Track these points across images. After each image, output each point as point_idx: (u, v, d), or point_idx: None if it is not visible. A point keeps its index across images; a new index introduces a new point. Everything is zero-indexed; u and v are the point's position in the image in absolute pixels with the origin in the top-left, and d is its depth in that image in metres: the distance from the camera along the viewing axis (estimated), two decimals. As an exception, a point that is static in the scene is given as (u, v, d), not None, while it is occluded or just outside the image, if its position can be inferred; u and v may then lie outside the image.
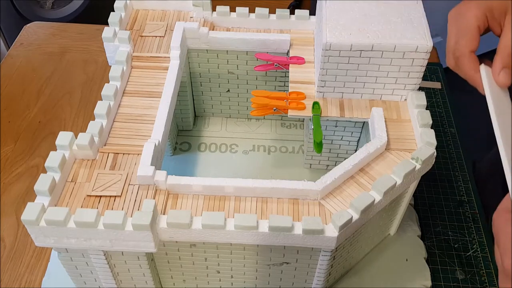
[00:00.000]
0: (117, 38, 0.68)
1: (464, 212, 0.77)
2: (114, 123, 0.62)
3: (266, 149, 0.81)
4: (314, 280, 0.61)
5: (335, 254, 0.58)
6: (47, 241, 0.52)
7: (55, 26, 1.10)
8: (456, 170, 0.83)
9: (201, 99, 0.83)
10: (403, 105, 0.65)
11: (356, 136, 0.72)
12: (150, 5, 0.76)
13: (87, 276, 0.60)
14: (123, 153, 0.58)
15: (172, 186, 0.55)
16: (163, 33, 0.72)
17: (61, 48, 1.03)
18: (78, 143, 0.56)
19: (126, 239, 0.51)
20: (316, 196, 0.55)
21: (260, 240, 0.52)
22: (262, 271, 0.60)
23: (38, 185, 0.51)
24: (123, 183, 0.55)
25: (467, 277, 0.70)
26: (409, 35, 0.59)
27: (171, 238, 0.53)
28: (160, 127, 0.60)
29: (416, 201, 0.78)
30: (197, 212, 0.54)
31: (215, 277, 0.62)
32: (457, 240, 0.74)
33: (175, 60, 0.68)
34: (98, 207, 0.53)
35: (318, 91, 0.66)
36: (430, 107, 0.92)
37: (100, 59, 1.00)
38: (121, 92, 0.65)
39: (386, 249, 0.71)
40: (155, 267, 0.60)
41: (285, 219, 0.51)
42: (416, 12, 0.63)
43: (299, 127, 0.85)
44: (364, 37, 0.59)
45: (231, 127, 0.85)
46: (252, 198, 0.56)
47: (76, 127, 0.88)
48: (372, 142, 0.60)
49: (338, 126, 0.70)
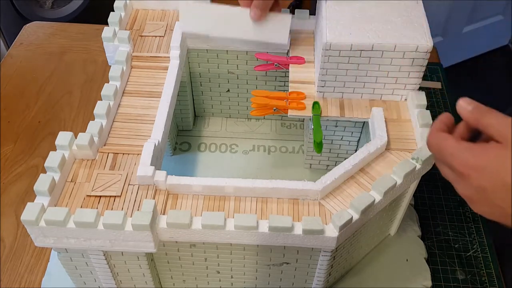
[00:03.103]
0: (117, 38, 0.68)
1: (464, 212, 0.77)
2: (113, 123, 0.62)
3: (266, 149, 0.81)
4: (314, 280, 0.61)
5: (335, 254, 0.58)
6: (47, 241, 0.51)
7: (55, 26, 1.10)
8: (456, 170, 0.83)
9: (201, 99, 0.83)
10: (403, 105, 0.65)
11: (356, 136, 0.72)
12: (150, 5, 0.76)
13: (86, 276, 0.60)
14: (123, 153, 0.58)
15: (172, 186, 0.55)
16: (163, 33, 0.72)
17: (61, 48, 1.03)
18: (77, 143, 0.56)
19: (126, 239, 0.51)
20: (316, 196, 0.55)
21: (260, 240, 0.52)
22: (262, 271, 0.60)
23: (38, 185, 0.51)
24: (122, 183, 0.55)
25: (467, 277, 0.70)
26: (409, 35, 0.59)
27: (171, 238, 0.53)
28: (160, 127, 0.60)
29: (416, 201, 0.78)
30: (197, 212, 0.54)
31: (215, 277, 0.62)
32: (457, 240, 0.74)
33: (175, 60, 0.68)
34: (98, 207, 0.53)
35: (318, 91, 0.66)
36: (430, 107, 0.92)
37: (100, 59, 1.00)
38: (121, 92, 0.65)
39: (386, 249, 0.70)
40: (155, 267, 0.60)
41: (285, 219, 0.51)
42: (416, 12, 0.63)
43: (299, 127, 0.85)
44: (364, 37, 0.59)
45: (231, 127, 0.85)
46: (252, 198, 0.56)
47: (76, 127, 0.88)
48: (372, 142, 0.60)
49: (338, 126, 0.70)
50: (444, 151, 0.45)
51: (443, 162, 0.46)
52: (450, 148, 0.45)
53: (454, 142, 0.45)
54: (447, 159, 0.45)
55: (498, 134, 0.43)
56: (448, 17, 1.86)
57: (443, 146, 0.46)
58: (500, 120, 0.43)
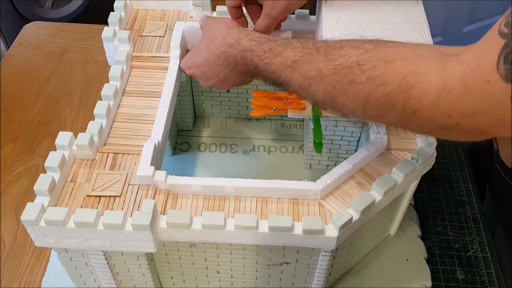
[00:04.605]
0: (116, 38, 0.68)
1: (464, 212, 0.77)
2: (113, 123, 0.62)
3: (266, 149, 0.81)
4: (314, 280, 0.61)
5: (335, 254, 0.58)
6: (47, 241, 0.51)
7: (55, 26, 1.10)
8: (456, 170, 0.83)
9: (201, 99, 0.83)
10: (403, 105, 0.65)
11: (356, 136, 0.72)
12: (150, 5, 0.76)
13: (86, 276, 0.60)
14: (123, 153, 0.58)
15: (172, 186, 0.55)
16: (163, 33, 0.72)
17: (60, 48, 1.03)
18: (77, 143, 0.56)
19: (126, 239, 0.51)
20: (316, 196, 0.55)
21: (260, 240, 0.52)
22: (262, 271, 0.60)
23: (38, 185, 0.51)
24: (122, 183, 0.55)
25: (467, 277, 0.69)
26: (409, 35, 0.59)
27: (171, 238, 0.53)
28: (160, 127, 0.60)
29: (416, 201, 0.78)
30: (197, 212, 0.54)
31: (215, 277, 0.62)
32: (457, 240, 0.73)
33: (175, 60, 0.68)
34: (98, 207, 0.53)
35: (318, 91, 0.65)
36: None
37: (100, 59, 1.00)
38: (121, 92, 0.65)
39: (386, 249, 0.70)
40: (155, 267, 0.60)
41: (285, 219, 0.51)
42: (416, 12, 0.63)
43: (299, 127, 0.85)
44: (364, 37, 0.59)
45: (231, 127, 0.85)
46: (252, 198, 0.55)
47: (75, 127, 0.88)
48: (372, 142, 0.60)
49: (338, 126, 0.70)
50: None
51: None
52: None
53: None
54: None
55: (202, 30, 0.64)
56: (448, 17, 1.86)
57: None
58: (205, 18, 0.64)
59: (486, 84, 0.36)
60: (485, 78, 0.36)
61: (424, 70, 0.40)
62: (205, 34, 0.62)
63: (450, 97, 0.38)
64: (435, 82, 0.39)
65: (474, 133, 0.40)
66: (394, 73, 0.42)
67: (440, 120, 0.40)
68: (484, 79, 0.36)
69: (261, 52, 0.53)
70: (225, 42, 0.57)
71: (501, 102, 0.36)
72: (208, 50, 0.60)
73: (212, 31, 0.60)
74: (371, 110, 0.44)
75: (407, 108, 0.42)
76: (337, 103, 0.47)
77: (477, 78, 0.37)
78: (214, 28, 0.60)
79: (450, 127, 0.40)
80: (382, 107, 0.43)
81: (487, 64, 0.36)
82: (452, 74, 0.38)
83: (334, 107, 0.48)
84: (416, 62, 0.41)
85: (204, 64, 0.61)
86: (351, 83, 0.45)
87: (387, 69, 0.42)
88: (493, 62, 0.36)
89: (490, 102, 0.37)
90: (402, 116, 0.43)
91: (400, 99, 0.42)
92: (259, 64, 0.53)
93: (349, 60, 0.45)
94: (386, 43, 0.45)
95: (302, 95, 0.51)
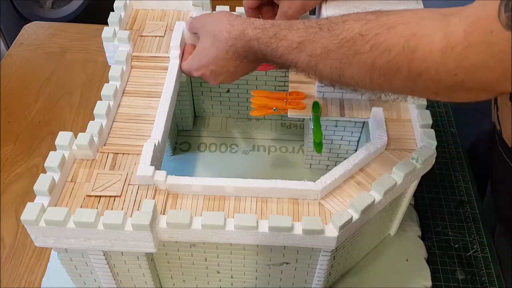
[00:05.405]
0: (116, 38, 0.68)
1: (464, 212, 0.77)
2: (113, 123, 0.62)
3: (266, 149, 0.81)
4: (314, 280, 0.61)
5: (335, 254, 0.58)
6: (47, 241, 0.51)
7: (55, 26, 1.10)
8: (456, 170, 0.83)
9: (201, 99, 0.83)
10: (403, 105, 0.65)
11: (356, 136, 0.72)
12: (150, 5, 0.76)
13: (86, 276, 0.60)
14: (123, 153, 0.58)
15: (172, 186, 0.55)
16: (163, 33, 0.72)
17: (60, 48, 1.03)
18: (77, 143, 0.56)
19: (126, 239, 0.51)
20: (316, 196, 0.55)
21: (260, 240, 0.52)
22: (262, 271, 0.60)
23: (38, 185, 0.51)
24: (122, 183, 0.55)
25: (467, 277, 0.69)
26: (409, 35, 0.59)
27: (171, 238, 0.53)
28: (160, 127, 0.60)
29: (416, 201, 0.78)
30: (197, 212, 0.54)
31: (215, 277, 0.62)
32: (457, 240, 0.73)
33: (174, 60, 0.68)
34: (98, 207, 0.53)
35: (318, 90, 0.65)
36: (430, 107, 0.92)
37: (99, 59, 1.00)
38: (121, 92, 0.65)
39: (386, 249, 0.70)
40: (154, 267, 0.60)
41: (285, 219, 0.51)
42: (416, 12, 0.62)
43: (299, 127, 0.85)
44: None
45: (231, 127, 0.85)
46: (252, 198, 0.55)
47: (75, 127, 0.88)
48: (372, 142, 0.60)
49: (338, 126, 0.70)
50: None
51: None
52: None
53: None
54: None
55: (196, 30, 0.64)
56: (448, 17, 1.86)
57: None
58: (195, 19, 0.65)
59: (489, 34, 0.37)
60: (487, 28, 0.36)
61: (427, 31, 0.41)
62: (204, 33, 0.62)
63: (454, 54, 0.39)
64: (439, 41, 0.40)
65: (479, 90, 0.40)
66: (397, 38, 0.42)
67: (445, 79, 0.40)
68: (487, 29, 0.37)
69: (266, 38, 0.53)
70: (231, 36, 0.56)
71: (504, 53, 0.36)
72: (214, 47, 0.59)
73: (213, 28, 0.59)
74: (378, 78, 0.45)
75: (412, 71, 0.42)
76: (344, 77, 0.47)
77: (479, 30, 0.37)
78: (214, 25, 0.59)
79: (456, 85, 0.40)
80: (387, 74, 0.44)
81: (489, 15, 0.36)
82: (455, 30, 0.39)
83: (341, 82, 0.48)
84: (418, 24, 0.42)
85: (213, 62, 0.60)
86: (356, 54, 0.45)
87: (390, 34, 0.43)
88: (494, 12, 0.36)
89: (493, 53, 0.37)
90: (408, 80, 0.43)
91: (404, 63, 0.42)
92: (266, 50, 0.53)
93: (352, 32, 0.45)
94: (388, 12, 0.45)
95: (310, 74, 0.51)
